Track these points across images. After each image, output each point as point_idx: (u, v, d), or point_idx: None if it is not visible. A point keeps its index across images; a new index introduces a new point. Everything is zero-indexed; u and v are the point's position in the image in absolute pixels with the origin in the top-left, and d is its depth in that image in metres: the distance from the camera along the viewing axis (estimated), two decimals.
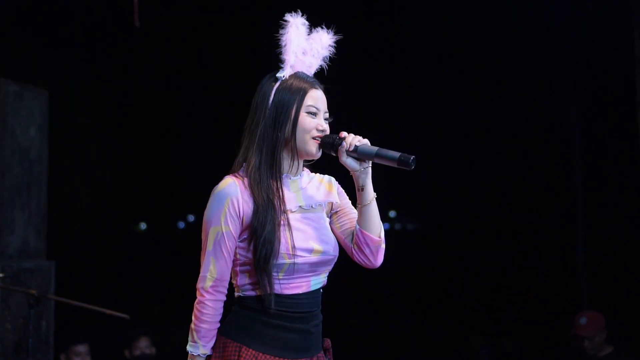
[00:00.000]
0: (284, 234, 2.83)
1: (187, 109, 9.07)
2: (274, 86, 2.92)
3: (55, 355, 6.74)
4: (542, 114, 8.88)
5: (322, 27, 3.01)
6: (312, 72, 3.01)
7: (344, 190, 3.11)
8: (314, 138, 2.92)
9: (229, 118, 3.63)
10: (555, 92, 8.67)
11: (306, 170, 3.03)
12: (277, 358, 2.84)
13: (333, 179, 3.10)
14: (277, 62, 3.00)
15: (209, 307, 2.84)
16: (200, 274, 2.86)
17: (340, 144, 2.90)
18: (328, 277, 3.01)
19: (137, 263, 9.87)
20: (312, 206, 2.96)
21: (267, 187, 2.86)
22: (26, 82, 6.64)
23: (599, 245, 8.68)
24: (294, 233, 2.85)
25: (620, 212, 8.38)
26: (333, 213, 3.05)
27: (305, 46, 2.97)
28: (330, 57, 3.03)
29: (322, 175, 3.07)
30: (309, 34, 2.99)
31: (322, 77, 3.05)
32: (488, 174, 9.13)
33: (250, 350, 2.82)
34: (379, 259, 3.01)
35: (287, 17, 2.96)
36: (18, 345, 6.18)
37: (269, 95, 2.92)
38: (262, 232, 2.80)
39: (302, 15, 2.98)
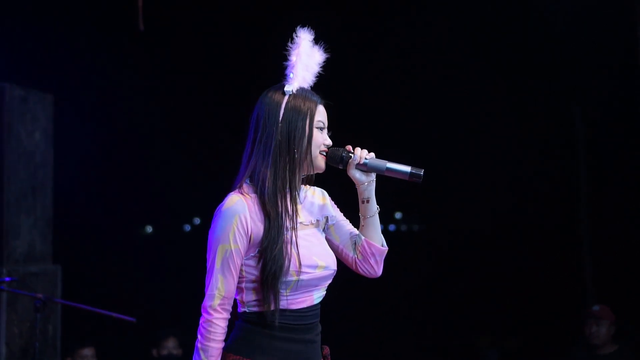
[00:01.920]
0: (291, 251, 2.83)
1: (192, 112, 9.08)
2: (282, 100, 2.91)
3: (62, 359, 6.75)
4: (546, 114, 8.87)
5: (315, 44, 2.99)
6: (308, 87, 3.00)
7: (333, 202, 3.13)
8: (320, 153, 2.94)
9: (235, 122, 3.63)
10: (558, 93, 8.67)
11: (302, 186, 3.02)
12: None
13: (324, 191, 3.11)
14: (279, 71, 2.99)
15: (217, 326, 2.82)
16: (208, 293, 2.82)
17: (351, 157, 2.94)
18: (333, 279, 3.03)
19: (144, 266, 9.87)
20: (311, 222, 2.98)
21: (281, 203, 2.85)
22: (31, 87, 6.65)
23: (604, 245, 8.67)
24: (301, 250, 2.86)
25: (625, 212, 8.38)
26: (329, 225, 3.07)
27: (307, 61, 2.97)
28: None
29: (313, 187, 3.07)
30: (311, 49, 2.99)
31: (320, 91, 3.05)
32: (492, 175, 9.13)
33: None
34: (381, 268, 3.09)
35: (300, 32, 2.95)
36: (25, 349, 6.20)
37: (279, 110, 2.89)
38: (273, 249, 2.80)
39: (310, 31, 2.97)
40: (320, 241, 2.98)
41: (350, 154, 2.95)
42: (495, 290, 9.55)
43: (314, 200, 3.04)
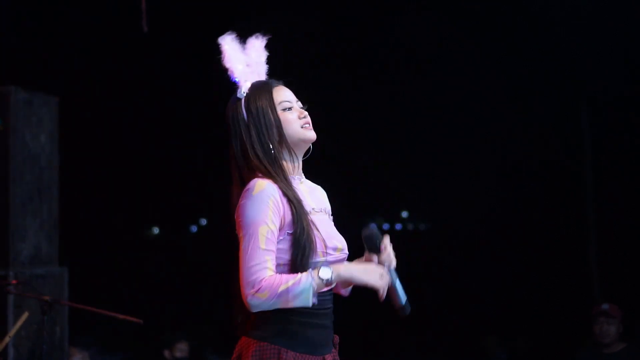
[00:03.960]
0: (316, 233, 2.87)
1: (199, 113, 9.08)
2: (240, 105, 2.97)
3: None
4: (552, 111, 8.86)
5: (251, 36, 3.06)
6: (263, 76, 3.06)
7: None
8: (304, 126, 2.96)
9: None
10: (565, 89, 8.65)
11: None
12: (313, 356, 2.86)
13: (320, 187, 3.15)
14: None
15: (276, 275, 2.77)
16: (256, 273, 2.75)
17: (377, 252, 2.93)
18: None
19: (150, 267, 9.89)
20: (321, 209, 3.01)
21: (290, 188, 2.88)
22: (36, 90, 6.66)
23: (611, 244, 8.66)
24: (322, 232, 2.89)
25: (631, 211, 8.37)
26: None
27: (245, 59, 3.03)
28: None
29: (313, 184, 3.11)
30: (243, 46, 3.05)
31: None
32: (499, 174, 9.12)
33: (290, 352, 2.81)
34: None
35: (219, 40, 3.02)
36: (32, 352, 6.20)
37: (242, 115, 2.96)
38: (302, 231, 2.82)
39: (229, 33, 3.03)
40: (332, 226, 3.01)
41: (378, 249, 2.94)
42: (503, 289, 9.54)
43: (317, 192, 3.09)
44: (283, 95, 2.99)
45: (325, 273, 2.77)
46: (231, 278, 2.91)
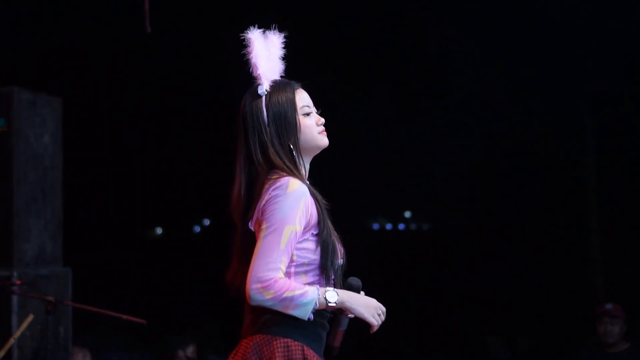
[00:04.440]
0: (335, 237, 2.92)
1: (202, 114, 9.10)
2: (261, 102, 2.95)
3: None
4: (553, 111, 8.87)
5: (269, 30, 3.04)
6: (279, 74, 3.04)
7: None
8: (321, 132, 2.98)
9: None
10: (566, 89, 8.66)
11: None
12: (321, 358, 2.90)
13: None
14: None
15: (287, 280, 2.79)
16: (269, 271, 2.76)
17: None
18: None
19: (154, 268, 9.90)
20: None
21: (312, 190, 2.91)
22: (39, 90, 6.67)
23: (613, 243, 8.66)
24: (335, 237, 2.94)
25: (635, 210, 8.37)
26: None
27: (267, 54, 3.02)
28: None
29: None
30: (265, 41, 3.03)
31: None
32: (501, 173, 9.12)
33: (310, 350, 2.84)
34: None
35: (248, 34, 3.00)
36: (36, 352, 6.22)
37: (262, 113, 2.94)
38: (328, 232, 2.86)
39: (256, 28, 3.02)
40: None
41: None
42: (505, 289, 9.54)
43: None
44: (304, 99, 2.99)
45: (332, 296, 2.80)
46: (239, 276, 2.93)
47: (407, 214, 12.85)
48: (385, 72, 8.99)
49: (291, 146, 2.92)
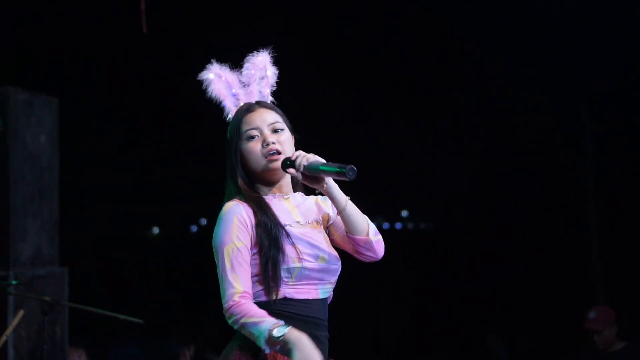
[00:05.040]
0: (288, 243, 2.90)
1: (199, 114, 9.08)
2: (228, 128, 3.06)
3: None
4: (552, 111, 8.86)
5: (251, 54, 3.08)
6: (267, 95, 3.10)
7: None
8: (268, 156, 2.97)
9: None
10: (565, 89, 8.65)
11: (300, 193, 3.09)
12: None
13: (322, 196, 3.14)
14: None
15: (247, 305, 2.82)
16: (227, 293, 2.84)
17: (292, 165, 2.93)
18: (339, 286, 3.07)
19: (151, 267, 9.89)
20: (308, 222, 3.03)
21: (261, 206, 2.94)
22: (36, 90, 6.66)
23: (612, 243, 8.66)
24: (298, 242, 2.92)
25: (633, 208, 8.36)
26: (329, 225, 3.12)
27: (241, 79, 3.09)
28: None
29: (318, 196, 3.13)
30: (239, 69, 3.10)
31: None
32: (500, 173, 9.12)
33: (278, 355, 2.83)
34: (379, 252, 3.10)
35: (201, 75, 3.12)
36: (33, 352, 6.21)
37: (226, 139, 3.05)
38: (267, 241, 2.87)
39: (216, 62, 3.09)
40: (321, 238, 3.02)
41: (293, 162, 2.94)
42: (504, 288, 9.54)
43: (311, 204, 3.10)
44: (250, 122, 3.00)
45: (279, 331, 2.76)
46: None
47: (405, 213, 12.85)
48: (384, 72, 8.98)
49: (237, 171, 2.99)
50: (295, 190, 3.08)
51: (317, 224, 3.05)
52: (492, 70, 8.43)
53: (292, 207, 3.01)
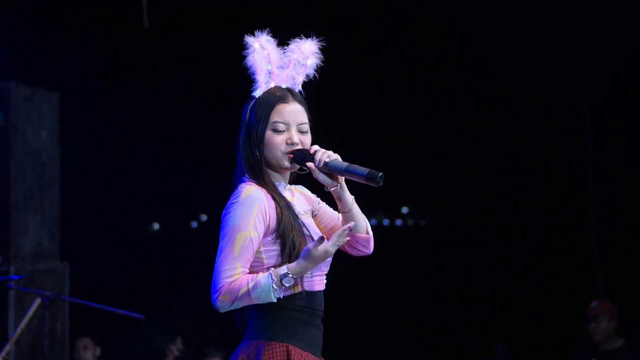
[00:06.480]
0: (305, 232, 2.91)
1: (199, 109, 9.09)
2: (249, 104, 2.99)
3: (70, 356, 6.81)
4: (553, 110, 8.87)
5: (300, 38, 3.03)
6: (299, 84, 3.05)
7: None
8: (284, 153, 2.95)
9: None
10: (566, 89, 8.66)
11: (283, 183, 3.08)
12: (315, 357, 2.92)
13: (300, 185, 3.15)
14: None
15: (237, 279, 2.81)
16: (221, 275, 2.81)
17: (310, 160, 2.92)
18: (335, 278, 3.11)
19: (151, 263, 9.90)
20: (306, 212, 3.04)
21: (278, 194, 2.92)
22: (37, 85, 6.67)
23: (613, 242, 8.67)
24: (312, 232, 2.93)
25: (634, 205, 8.37)
26: (314, 217, 3.12)
27: (281, 61, 3.01)
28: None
29: (296, 185, 3.13)
30: (284, 48, 3.03)
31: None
32: (500, 172, 9.12)
33: (297, 349, 2.86)
34: (371, 248, 3.14)
35: (248, 39, 3.00)
36: (33, 347, 6.22)
37: (245, 114, 2.99)
38: (291, 232, 2.86)
39: (266, 33, 3.01)
40: (317, 229, 3.03)
41: (311, 156, 2.93)
42: (504, 285, 9.54)
43: (301, 195, 3.11)
44: (282, 114, 2.96)
45: (282, 269, 2.79)
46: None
47: (405, 210, 12.85)
48: (384, 71, 8.98)
49: (257, 151, 2.94)
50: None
51: (311, 213, 3.08)
52: (492, 70, 8.44)
53: (291, 198, 3.02)
